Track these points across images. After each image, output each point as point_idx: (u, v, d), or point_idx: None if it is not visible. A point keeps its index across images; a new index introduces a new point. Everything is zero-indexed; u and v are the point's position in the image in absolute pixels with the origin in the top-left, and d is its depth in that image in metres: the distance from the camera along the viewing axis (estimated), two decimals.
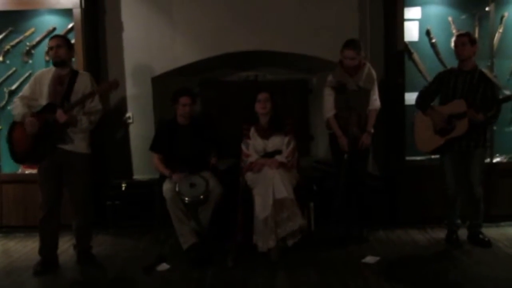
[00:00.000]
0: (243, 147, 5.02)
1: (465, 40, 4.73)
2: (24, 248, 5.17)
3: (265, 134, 4.99)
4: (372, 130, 4.99)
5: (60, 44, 4.48)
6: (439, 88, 4.89)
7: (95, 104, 4.56)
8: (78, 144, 4.51)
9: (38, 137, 4.39)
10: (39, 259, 4.54)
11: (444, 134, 4.77)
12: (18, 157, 4.56)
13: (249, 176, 4.89)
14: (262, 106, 4.93)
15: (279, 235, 4.52)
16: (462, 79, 4.75)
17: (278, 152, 4.95)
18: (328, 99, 5.02)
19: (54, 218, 4.52)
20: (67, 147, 4.45)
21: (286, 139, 4.98)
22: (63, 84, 4.48)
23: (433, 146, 4.87)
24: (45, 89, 4.48)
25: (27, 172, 5.69)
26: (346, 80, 4.92)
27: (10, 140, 4.51)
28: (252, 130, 5.03)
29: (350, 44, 4.87)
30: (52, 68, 4.58)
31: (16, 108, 4.50)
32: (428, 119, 4.89)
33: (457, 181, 4.88)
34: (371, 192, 5.30)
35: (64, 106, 4.36)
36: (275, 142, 4.97)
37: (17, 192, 5.64)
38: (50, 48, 4.51)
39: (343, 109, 4.93)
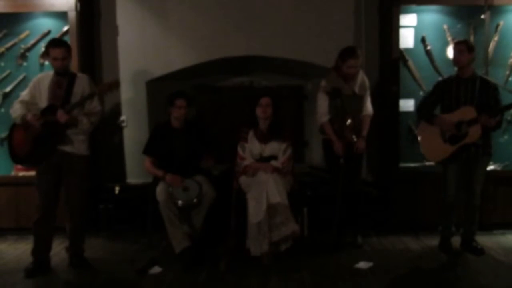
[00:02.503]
0: (239, 149, 4.99)
1: (462, 47, 4.73)
2: (16, 251, 5.14)
3: (263, 138, 4.98)
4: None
5: (65, 56, 4.49)
6: (440, 98, 4.84)
7: (94, 105, 4.60)
8: (78, 146, 4.54)
9: (38, 138, 4.42)
10: (32, 259, 4.52)
11: (455, 142, 4.71)
12: (19, 159, 4.62)
13: (243, 180, 4.88)
14: (262, 110, 4.91)
15: (272, 239, 4.52)
16: (464, 87, 4.73)
17: (274, 157, 4.93)
18: (322, 104, 5.02)
19: (49, 221, 4.51)
20: (67, 148, 4.48)
21: (284, 145, 4.95)
22: (62, 87, 4.50)
23: (445, 155, 4.76)
24: (44, 93, 4.50)
25: (20, 174, 5.66)
26: (340, 85, 4.92)
27: (10, 142, 4.55)
28: (251, 133, 5.00)
29: (355, 53, 4.87)
30: (50, 73, 4.60)
31: (16, 111, 4.53)
32: (432, 129, 4.81)
33: (458, 188, 4.83)
34: (365, 198, 5.29)
35: (65, 107, 4.39)
36: (273, 147, 4.95)
37: (10, 194, 5.61)
38: (54, 59, 4.46)
39: (337, 114, 4.91)
